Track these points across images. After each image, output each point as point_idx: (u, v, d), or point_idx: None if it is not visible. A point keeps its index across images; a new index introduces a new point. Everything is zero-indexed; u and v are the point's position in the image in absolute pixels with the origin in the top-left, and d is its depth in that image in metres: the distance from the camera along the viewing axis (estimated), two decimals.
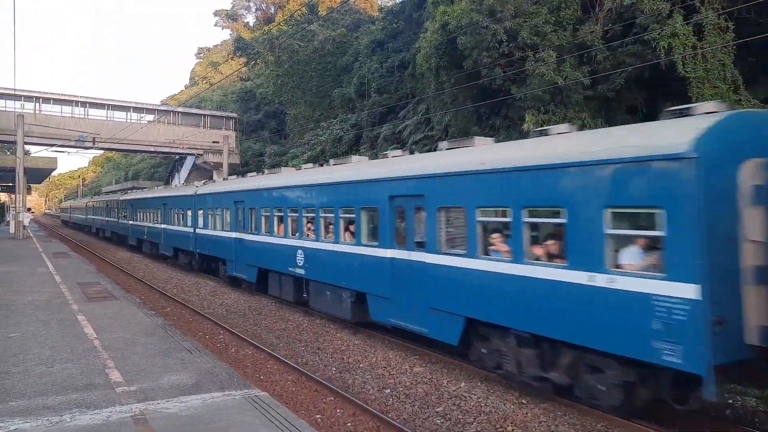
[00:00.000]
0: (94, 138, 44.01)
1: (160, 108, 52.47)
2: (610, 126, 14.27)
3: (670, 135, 6.72)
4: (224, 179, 25.60)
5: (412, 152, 17.54)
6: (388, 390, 9.74)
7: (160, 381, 7.95)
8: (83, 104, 46.11)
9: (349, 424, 8.35)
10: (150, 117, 48.20)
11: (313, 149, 33.70)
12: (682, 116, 7.27)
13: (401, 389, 9.70)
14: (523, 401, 8.76)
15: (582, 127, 16.56)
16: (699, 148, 6.28)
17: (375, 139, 30.69)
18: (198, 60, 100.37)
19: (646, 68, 15.96)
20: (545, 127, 9.71)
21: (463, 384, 9.62)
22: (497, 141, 12.13)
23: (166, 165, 62.29)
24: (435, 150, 12.03)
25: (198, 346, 10.73)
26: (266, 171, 21.06)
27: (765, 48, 14.85)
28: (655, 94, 16.72)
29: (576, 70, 17.35)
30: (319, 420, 8.54)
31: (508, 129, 20.72)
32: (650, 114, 16.70)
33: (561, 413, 8.24)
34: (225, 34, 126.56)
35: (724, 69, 14.73)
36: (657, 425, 7.68)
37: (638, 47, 16.43)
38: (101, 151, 73.98)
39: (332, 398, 9.40)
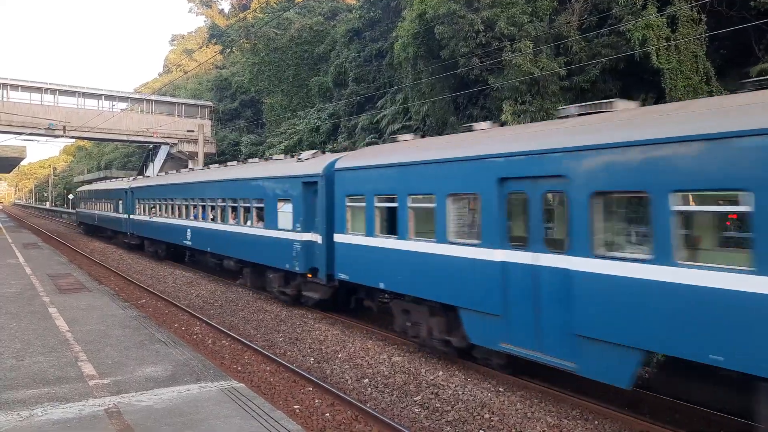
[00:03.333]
0: (64, 126, 42.92)
1: (133, 96, 51.37)
2: None
3: None
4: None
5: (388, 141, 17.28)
6: (367, 380, 9.77)
7: (135, 373, 7.84)
8: (53, 91, 44.89)
9: (328, 414, 8.36)
10: (123, 105, 47.18)
11: (290, 139, 33.39)
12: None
13: (380, 379, 9.73)
14: (500, 389, 8.85)
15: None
16: None
17: (353, 129, 30.53)
18: (172, 47, 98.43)
19: (621, 59, 16.12)
20: None
21: (441, 373, 9.68)
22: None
23: (140, 154, 61.15)
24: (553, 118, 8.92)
25: (173, 337, 10.60)
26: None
27: (735, 40, 15.11)
28: (629, 84, 16.91)
29: (552, 60, 17.44)
30: (298, 410, 8.53)
31: (485, 119, 20.77)
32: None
33: (537, 400, 8.36)
34: (199, 21, 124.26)
35: (696, 60, 14.94)
36: (630, 411, 7.84)
37: (613, 38, 16.57)
38: (72, 140, 72.28)
39: (310, 389, 9.39)
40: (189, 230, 21.77)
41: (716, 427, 7.40)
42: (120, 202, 31.69)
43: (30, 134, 41.81)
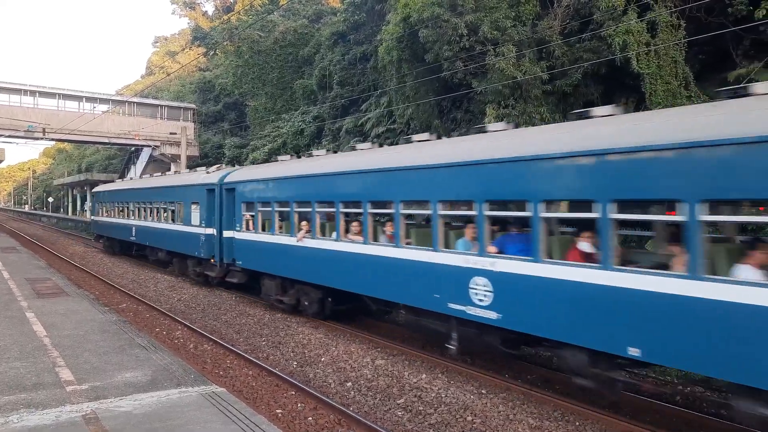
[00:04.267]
0: (44, 128, 42.31)
1: (114, 98, 50.79)
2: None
3: None
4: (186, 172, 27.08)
5: (381, 145, 17.39)
6: (350, 383, 9.72)
7: (114, 379, 7.72)
8: (32, 93, 44.23)
9: (310, 418, 8.30)
10: (104, 107, 46.62)
11: (274, 141, 33.24)
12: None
13: (363, 382, 9.70)
14: (483, 391, 8.87)
15: (539, 122, 16.85)
16: None
17: (337, 132, 30.48)
18: (155, 49, 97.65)
19: (602, 64, 16.31)
20: None
21: (424, 376, 9.67)
22: (460, 135, 12.36)
23: (122, 157, 60.47)
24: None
25: (154, 342, 10.47)
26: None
27: (713, 46, 15.37)
28: (611, 88, 17.12)
29: (535, 65, 17.58)
30: (280, 415, 8.46)
31: (470, 123, 20.87)
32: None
33: (519, 402, 8.38)
34: (183, 23, 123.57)
35: (675, 66, 15.17)
36: (611, 412, 7.90)
37: (595, 43, 16.77)
38: (52, 143, 71.26)
39: (293, 393, 9.32)
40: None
41: (695, 427, 7.48)
42: (195, 207, 19.10)
43: (9, 136, 41.13)
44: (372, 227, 11.19)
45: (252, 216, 15.59)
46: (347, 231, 11.95)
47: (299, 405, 8.78)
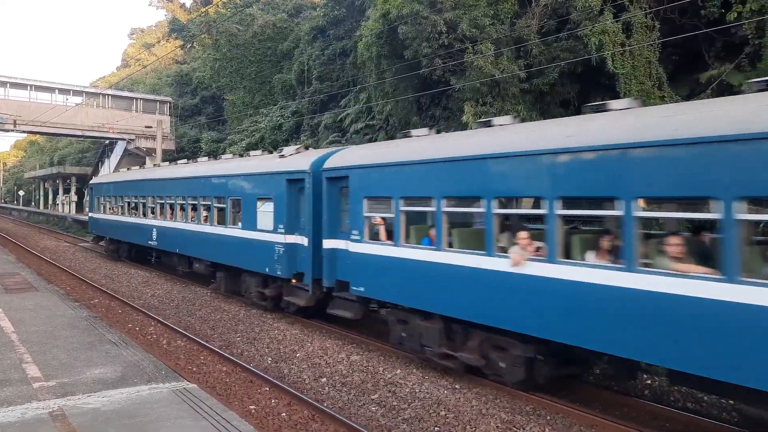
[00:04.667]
0: (14, 120, 41.26)
1: (88, 90, 49.75)
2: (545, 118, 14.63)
3: None
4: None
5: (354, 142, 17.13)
6: (325, 379, 9.70)
7: (82, 375, 7.58)
8: (2, 84, 43.09)
9: (284, 414, 8.26)
10: (78, 99, 45.64)
11: (252, 136, 32.91)
12: None
13: (338, 378, 9.68)
14: (457, 386, 8.92)
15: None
16: None
17: (316, 127, 30.32)
18: (131, 41, 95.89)
19: (578, 63, 16.47)
20: None
21: (398, 371, 9.70)
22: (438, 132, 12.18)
23: (95, 150, 59.32)
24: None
25: (125, 338, 10.32)
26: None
27: (686, 47, 15.63)
28: (587, 88, 17.30)
29: (513, 63, 17.68)
30: (254, 410, 8.41)
31: (448, 120, 20.93)
32: (581, 108, 17.29)
33: (492, 397, 8.45)
34: (160, 15, 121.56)
35: (649, 66, 15.38)
36: (581, 406, 8.00)
37: (571, 43, 16.91)
38: (24, 135, 69.62)
39: (267, 388, 9.27)
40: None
41: (663, 420, 7.63)
42: (265, 204, 14.17)
43: None
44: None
45: (384, 219, 10.53)
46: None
47: (273, 401, 8.73)
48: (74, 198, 58.91)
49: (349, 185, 11.18)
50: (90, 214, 29.74)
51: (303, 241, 12.56)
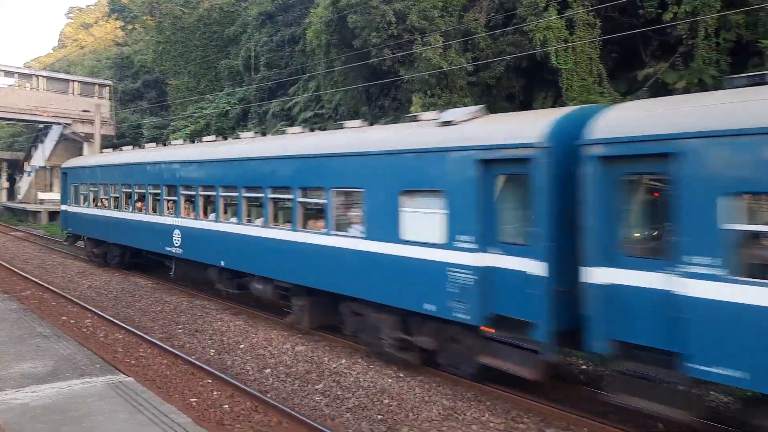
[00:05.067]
0: None
1: (21, 71, 47.03)
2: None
3: None
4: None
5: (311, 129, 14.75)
6: (269, 370, 9.61)
7: (10, 370, 7.22)
8: None
9: (227, 406, 8.14)
10: (10, 81, 43.09)
11: (196, 123, 31.99)
12: None
13: (282, 368, 9.61)
14: (401, 375, 9.01)
15: None
16: None
17: (264, 115, 29.78)
18: (68, 20, 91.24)
19: (524, 58, 16.80)
20: None
21: (344, 361, 9.71)
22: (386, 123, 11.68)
23: (28, 135, 56.27)
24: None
25: (58, 331, 9.91)
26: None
27: (625, 45, 16.19)
28: (532, 82, 17.68)
29: (460, 56, 17.87)
30: (195, 403, 8.24)
31: (397, 111, 20.97)
32: (526, 102, 17.69)
33: (435, 384, 8.59)
34: None
35: (591, 63, 15.85)
36: (519, 391, 8.23)
37: (517, 37, 17.23)
38: None
39: (210, 381, 9.11)
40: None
41: (596, 404, 7.93)
42: (428, 202, 8.75)
43: None
44: None
45: None
46: None
47: (215, 393, 8.59)
48: (5, 185, 55.79)
49: (683, 169, 6.04)
50: (63, 207, 22.90)
51: (526, 266, 7.44)
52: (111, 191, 18.71)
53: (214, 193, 13.50)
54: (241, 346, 10.83)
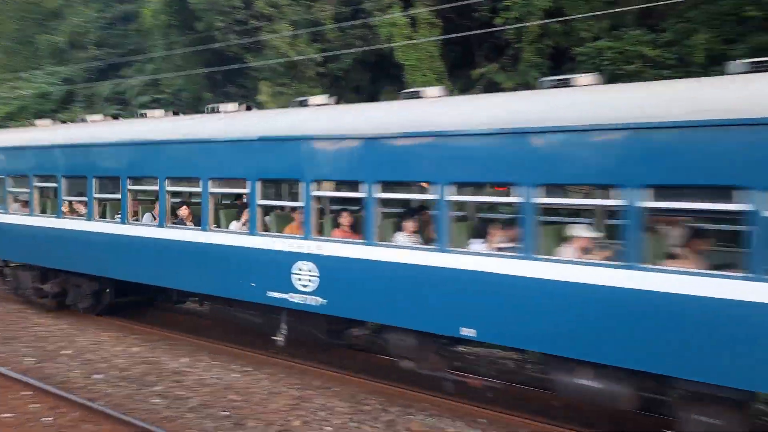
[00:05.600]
0: None
1: None
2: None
3: None
4: None
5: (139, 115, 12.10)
6: (100, 375, 8.81)
7: None
8: None
9: (50, 418, 7.32)
10: None
11: (10, 104, 28.14)
12: None
13: (115, 373, 8.86)
14: (248, 368, 8.80)
15: None
16: None
17: (92, 98, 27.08)
18: None
19: (371, 52, 17.21)
20: None
21: (186, 359, 9.23)
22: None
23: None
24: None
25: None
26: None
27: (462, 45, 17.32)
28: (377, 76, 18.18)
29: (309, 46, 17.80)
30: (10, 419, 7.29)
31: (244, 98, 20.31)
32: (373, 95, 18.16)
33: (283, 375, 8.52)
34: None
35: (432, 60, 16.72)
36: (367, 375, 8.46)
37: (365, 31, 17.59)
38: None
39: (28, 393, 8.12)
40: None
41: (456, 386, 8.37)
42: None
43: None
44: None
45: None
46: None
47: (35, 406, 7.67)
48: None
49: None
50: None
51: None
52: (71, 189, 11.70)
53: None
54: (67, 352, 9.79)
